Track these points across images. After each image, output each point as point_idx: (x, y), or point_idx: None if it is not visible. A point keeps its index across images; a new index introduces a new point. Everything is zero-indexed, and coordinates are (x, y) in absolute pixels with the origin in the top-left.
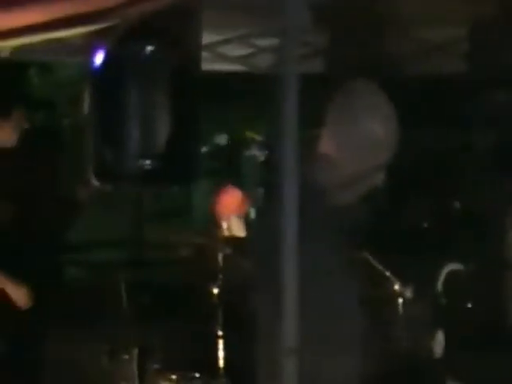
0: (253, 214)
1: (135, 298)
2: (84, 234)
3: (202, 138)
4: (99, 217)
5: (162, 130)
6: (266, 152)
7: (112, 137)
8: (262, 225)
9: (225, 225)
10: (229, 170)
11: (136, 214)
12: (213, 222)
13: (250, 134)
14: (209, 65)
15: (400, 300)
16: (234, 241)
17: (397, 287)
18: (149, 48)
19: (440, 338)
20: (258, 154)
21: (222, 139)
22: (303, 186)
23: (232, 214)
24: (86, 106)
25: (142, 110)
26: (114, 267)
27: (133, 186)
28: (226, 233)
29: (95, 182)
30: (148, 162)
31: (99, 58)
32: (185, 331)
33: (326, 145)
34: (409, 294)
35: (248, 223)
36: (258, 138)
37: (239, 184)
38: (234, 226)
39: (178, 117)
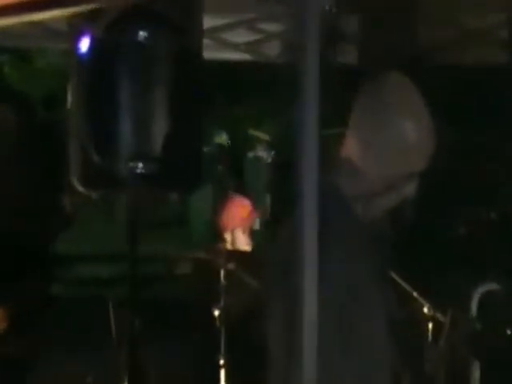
0: (258, 224)
1: (126, 319)
2: (70, 247)
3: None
4: (87, 228)
5: (159, 128)
6: (273, 153)
7: (100, 136)
8: (273, 237)
9: (228, 238)
10: (230, 174)
11: (128, 224)
12: (214, 233)
13: (254, 133)
14: (210, 53)
15: (430, 324)
16: (238, 255)
17: (426, 310)
18: (143, 34)
19: (475, 369)
20: (263, 155)
21: (221, 138)
22: (322, 196)
23: (237, 226)
24: (70, 100)
25: (135, 104)
26: (102, 284)
27: (124, 193)
28: (230, 246)
29: (80, 189)
30: (142, 165)
31: (86, 46)
32: (182, 358)
33: (350, 148)
34: (440, 317)
35: (253, 235)
36: (264, 137)
37: (242, 190)
38: (238, 239)
39: (178, 113)
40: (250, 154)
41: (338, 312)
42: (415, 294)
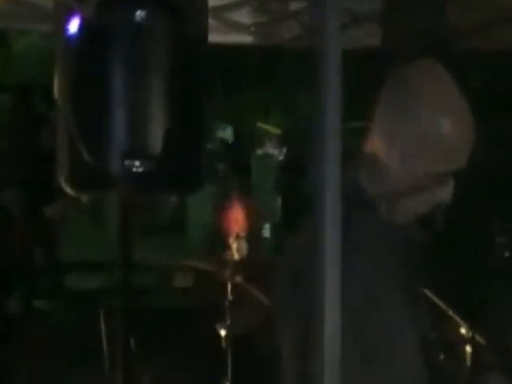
0: (267, 231)
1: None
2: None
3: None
4: (74, 233)
5: (158, 122)
6: (285, 150)
7: (91, 130)
8: (284, 246)
9: (233, 244)
10: (234, 173)
11: (121, 228)
12: (218, 240)
13: (263, 127)
14: (213, 35)
15: (468, 348)
16: (246, 266)
17: (463, 331)
18: (140, 14)
19: None
20: (273, 152)
21: (226, 133)
22: (344, 197)
23: (241, 231)
24: (57, 89)
25: (130, 94)
26: (93, 297)
27: (118, 195)
28: (236, 255)
29: (68, 190)
30: (138, 163)
31: (74, 27)
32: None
33: (374, 143)
34: (480, 340)
35: (262, 242)
36: (275, 131)
37: (248, 191)
38: (243, 247)
39: (179, 104)
40: (258, 151)
41: (357, 326)
42: (451, 312)
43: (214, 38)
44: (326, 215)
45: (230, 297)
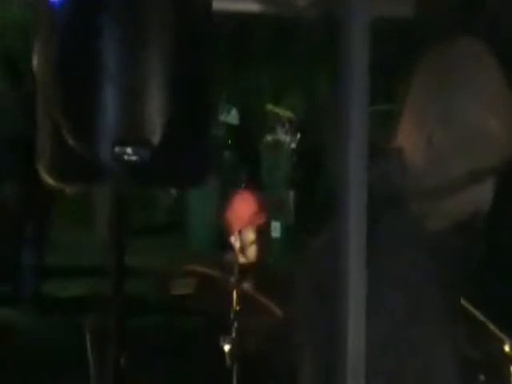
0: (277, 230)
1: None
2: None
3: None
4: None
5: (155, 102)
6: (299, 136)
7: (77, 112)
8: (297, 247)
9: (236, 243)
10: (241, 163)
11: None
12: (223, 241)
13: (274, 110)
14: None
15: None
16: (255, 271)
17: (507, 348)
18: None
19: None
20: (285, 138)
21: (231, 116)
22: (371, 196)
23: (246, 226)
24: (38, 64)
25: (124, 70)
26: (79, 306)
27: (107, 187)
28: (242, 258)
29: (50, 181)
30: (132, 150)
31: None
32: None
33: (407, 133)
34: None
35: (270, 242)
36: (287, 114)
37: (256, 184)
38: (247, 244)
39: (180, 82)
40: (268, 137)
41: (389, 344)
42: (492, 327)
43: (217, 4)
44: (349, 216)
45: (236, 306)
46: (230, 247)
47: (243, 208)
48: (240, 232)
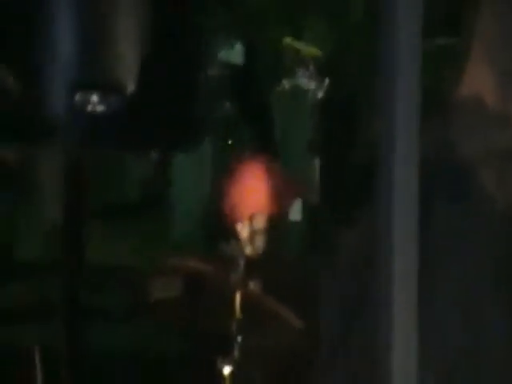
0: (297, 212)
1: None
2: None
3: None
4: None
5: (127, 37)
6: (327, 82)
7: (21, 50)
8: (324, 236)
9: (244, 232)
10: (246, 119)
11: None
12: (220, 227)
13: (293, 45)
14: None
15: None
16: (265, 266)
17: None
18: None
19: None
20: (308, 85)
21: (233, 54)
22: (427, 162)
23: (259, 211)
24: None
25: None
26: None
27: (61, 152)
28: (249, 250)
29: None
30: (97, 98)
31: None
32: None
33: (478, 78)
34: None
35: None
36: (312, 51)
37: (267, 149)
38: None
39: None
40: (285, 83)
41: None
42: None
43: None
44: (395, 198)
45: (238, 315)
46: (235, 236)
47: (254, 184)
48: (250, 216)
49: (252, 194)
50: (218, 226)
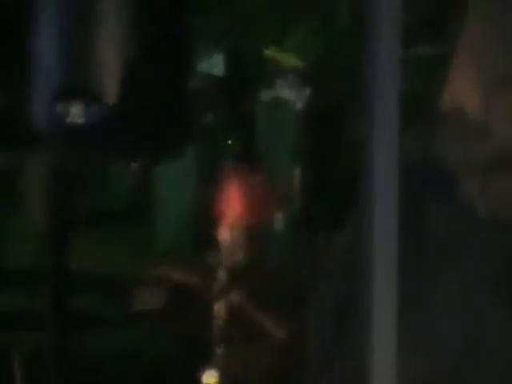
0: (280, 221)
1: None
2: None
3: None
4: None
5: (110, 44)
6: (308, 92)
7: (3, 57)
8: (306, 243)
9: (225, 237)
10: (229, 128)
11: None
12: (203, 236)
13: (275, 55)
14: None
15: None
16: (248, 276)
17: None
18: None
19: None
20: (290, 95)
21: (214, 64)
22: (408, 169)
23: (240, 217)
24: None
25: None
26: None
27: (43, 162)
28: (231, 255)
29: None
30: (77, 108)
31: None
32: None
33: (460, 87)
34: None
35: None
36: (292, 60)
37: (250, 157)
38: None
39: (146, 16)
40: (267, 94)
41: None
42: None
43: None
44: (376, 205)
45: (222, 327)
46: (215, 245)
47: (236, 193)
48: (231, 226)
49: (234, 204)
50: (201, 234)
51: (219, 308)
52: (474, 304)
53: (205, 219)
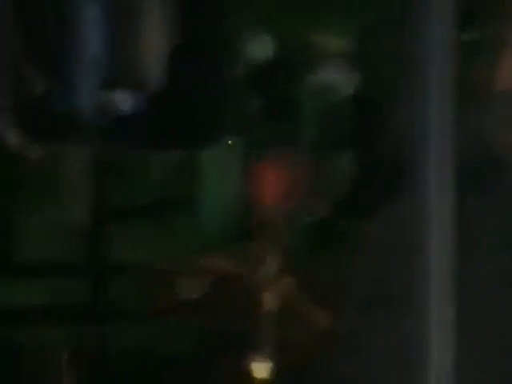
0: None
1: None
2: None
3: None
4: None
5: (153, 37)
6: (357, 77)
7: (46, 51)
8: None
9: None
10: (270, 115)
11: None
12: (247, 224)
13: (320, 37)
14: None
15: None
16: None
17: None
18: None
19: None
20: (336, 80)
21: (260, 49)
22: (464, 156)
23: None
24: None
25: None
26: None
27: (85, 150)
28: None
29: (13, 141)
30: (121, 97)
31: None
32: None
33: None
34: None
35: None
36: (340, 43)
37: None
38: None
39: (186, 10)
40: (311, 78)
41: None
42: None
43: None
44: (429, 191)
45: (268, 319)
46: (261, 233)
47: (283, 179)
48: (277, 212)
49: (279, 191)
50: (246, 224)
51: (267, 297)
52: None
53: (251, 207)
